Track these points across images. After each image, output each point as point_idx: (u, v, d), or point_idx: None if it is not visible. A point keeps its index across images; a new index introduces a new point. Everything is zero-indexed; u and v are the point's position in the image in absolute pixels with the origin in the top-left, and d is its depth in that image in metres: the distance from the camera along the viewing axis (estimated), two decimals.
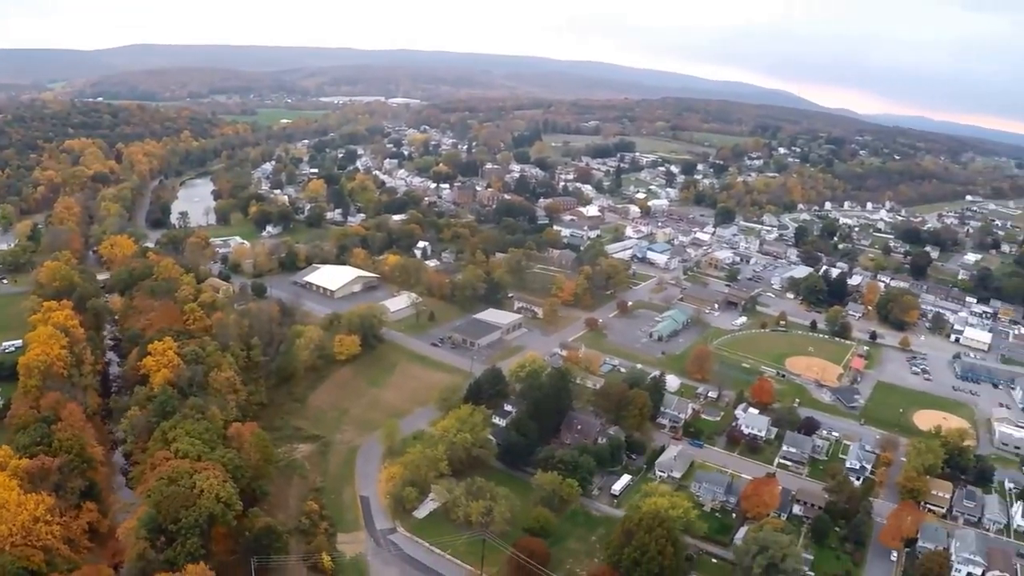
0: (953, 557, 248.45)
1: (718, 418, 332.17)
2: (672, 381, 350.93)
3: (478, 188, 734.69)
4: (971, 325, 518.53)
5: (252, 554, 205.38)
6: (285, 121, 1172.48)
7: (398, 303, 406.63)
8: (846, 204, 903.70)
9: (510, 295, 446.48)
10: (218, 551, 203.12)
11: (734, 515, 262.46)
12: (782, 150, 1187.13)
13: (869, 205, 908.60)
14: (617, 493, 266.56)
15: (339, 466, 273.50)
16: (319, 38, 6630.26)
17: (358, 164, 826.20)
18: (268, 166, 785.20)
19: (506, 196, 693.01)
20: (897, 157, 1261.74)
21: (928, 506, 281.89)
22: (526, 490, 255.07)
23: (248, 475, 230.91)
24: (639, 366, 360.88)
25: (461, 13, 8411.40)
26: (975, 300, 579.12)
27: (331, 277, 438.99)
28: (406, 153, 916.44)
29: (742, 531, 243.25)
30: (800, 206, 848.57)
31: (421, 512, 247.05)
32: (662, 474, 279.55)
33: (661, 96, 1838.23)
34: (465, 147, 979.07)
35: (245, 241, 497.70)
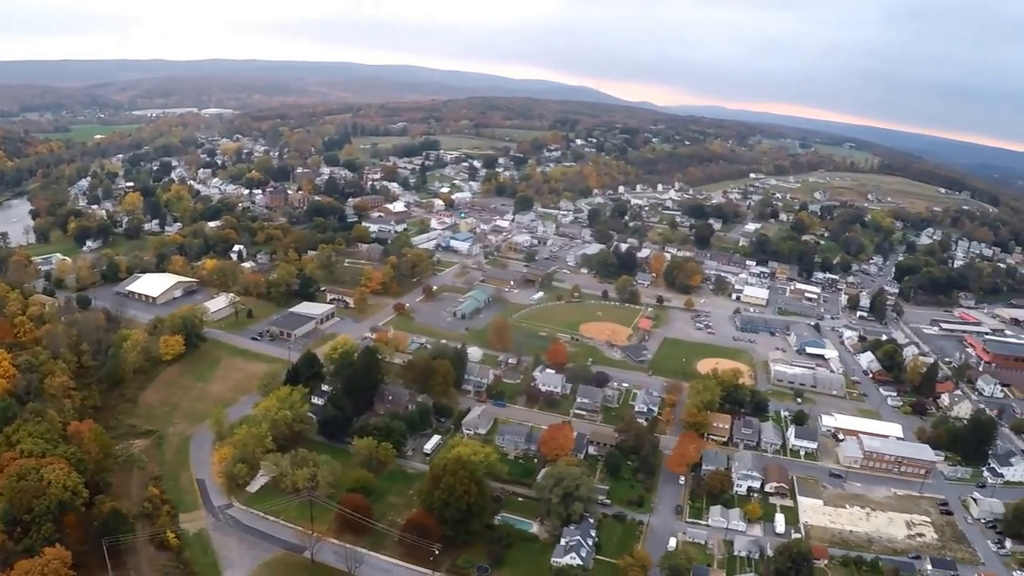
0: (734, 475, 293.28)
1: (518, 380, 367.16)
2: (475, 352, 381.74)
3: (289, 192, 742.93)
4: (750, 284, 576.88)
5: (102, 536, 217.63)
6: (99, 136, 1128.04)
7: (218, 304, 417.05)
8: (638, 187, 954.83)
9: (322, 288, 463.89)
10: (71, 539, 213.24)
11: (536, 460, 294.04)
12: (579, 141, 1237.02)
13: (660, 187, 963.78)
14: (429, 452, 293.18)
15: (174, 455, 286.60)
16: (131, 50, 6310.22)
17: (173, 175, 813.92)
18: (84, 182, 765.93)
19: (316, 198, 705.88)
20: (688, 143, 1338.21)
21: (711, 436, 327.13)
22: (347, 457, 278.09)
23: (91, 468, 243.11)
24: (444, 341, 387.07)
25: (264, 21, 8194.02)
26: (754, 263, 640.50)
27: (152, 285, 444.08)
28: (219, 162, 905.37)
29: (543, 472, 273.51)
30: (595, 191, 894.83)
31: (253, 486, 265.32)
32: (469, 432, 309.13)
33: (467, 96, 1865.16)
34: (277, 153, 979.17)
35: (66, 257, 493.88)
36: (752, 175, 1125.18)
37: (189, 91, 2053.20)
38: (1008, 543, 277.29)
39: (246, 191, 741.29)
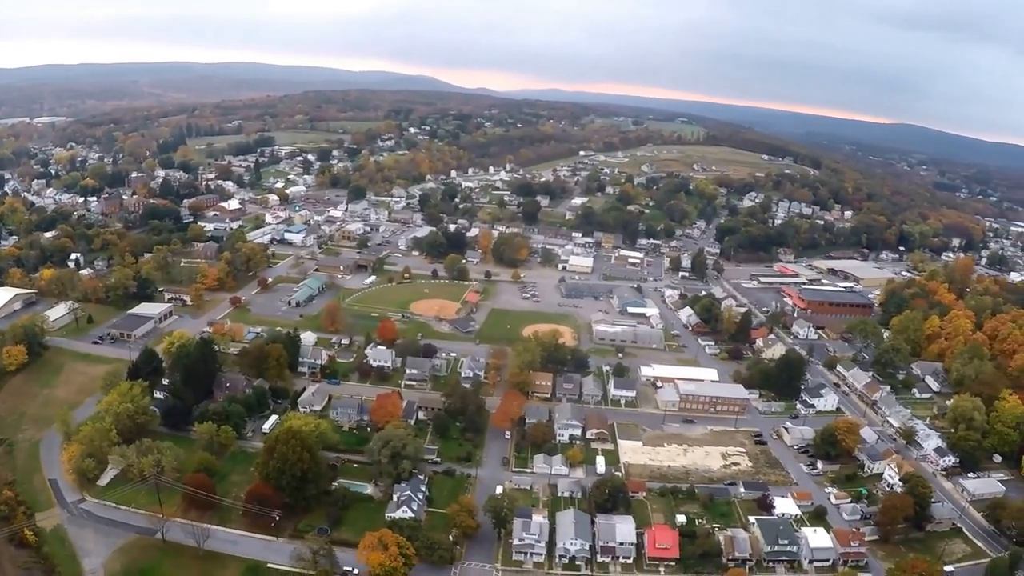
0: (556, 426, 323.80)
1: (351, 359, 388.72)
2: (309, 336, 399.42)
3: (125, 197, 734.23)
4: (576, 255, 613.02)
5: None
6: None
7: (58, 312, 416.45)
8: (470, 170, 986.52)
9: (160, 289, 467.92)
10: None
11: (368, 429, 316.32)
12: (413, 129, 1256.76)
13: (491, 169, 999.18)
14: (267, 431, 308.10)
15: (25, 459, 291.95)
16: None
17: (6, 188, 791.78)
18: None
19: (152, 201, 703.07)
20: (520, 125, 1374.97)
21: (535, 394, 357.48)
22: (191, 443, 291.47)
23: None
24: (279, 329, 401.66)
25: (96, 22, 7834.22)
26: (580, 234, 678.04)
27: None
28: (54, 172, 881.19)
29: (374, 437, 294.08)
30: (428, 177, 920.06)
31: (104, 479, 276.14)
32: (304, 409, 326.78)
33: (303, 91, 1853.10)
34: (111, 159, 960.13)
35: None
36: (582, 153, 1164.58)
37: (20, 100, 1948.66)
38: (819, 464, 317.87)
39: (81, 199, 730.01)
